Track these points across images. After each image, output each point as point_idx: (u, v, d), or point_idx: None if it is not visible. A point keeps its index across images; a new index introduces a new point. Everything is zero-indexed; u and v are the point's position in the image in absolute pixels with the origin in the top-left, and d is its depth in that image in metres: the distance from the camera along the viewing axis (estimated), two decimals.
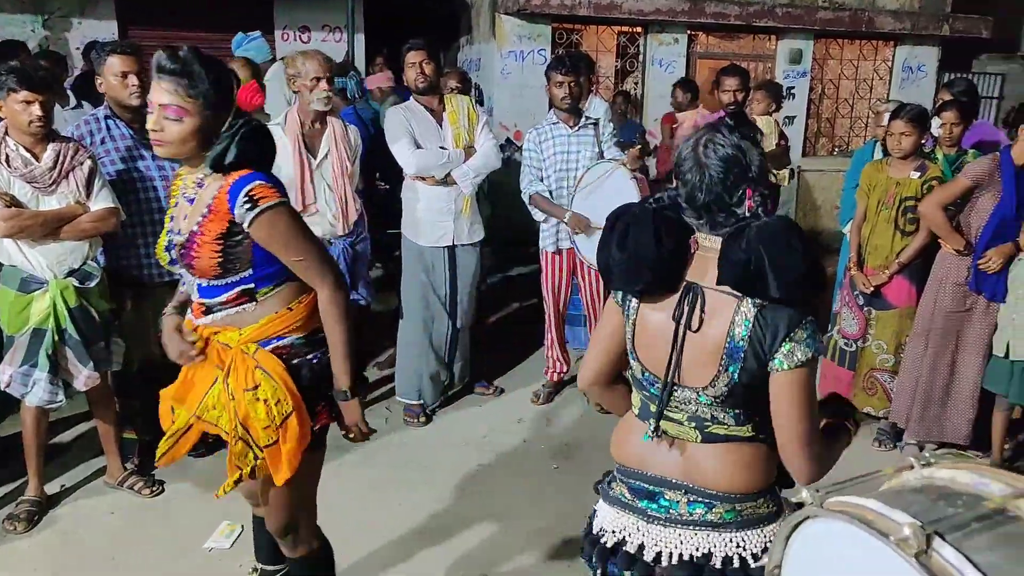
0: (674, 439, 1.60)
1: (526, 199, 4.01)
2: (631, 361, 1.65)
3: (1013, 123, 3.48)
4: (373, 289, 3.81)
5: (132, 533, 3.02)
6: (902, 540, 1.06)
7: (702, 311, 1.50)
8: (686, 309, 1.51)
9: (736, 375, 1.48)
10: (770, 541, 1.55)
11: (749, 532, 1.56)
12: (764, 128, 4.31)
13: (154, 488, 3.27)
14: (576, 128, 3.94)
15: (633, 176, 3.69)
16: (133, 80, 3.08)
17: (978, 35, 9.25)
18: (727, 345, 1.47)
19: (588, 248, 3.89)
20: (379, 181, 4.71)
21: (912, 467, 1.31)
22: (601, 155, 3.95)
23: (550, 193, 3.95)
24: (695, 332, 1.51)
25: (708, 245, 1.53)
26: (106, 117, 3.16)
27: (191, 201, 1.93)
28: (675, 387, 1.55)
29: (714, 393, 1.51)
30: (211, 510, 3.14)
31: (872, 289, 3.72)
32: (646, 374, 1.61)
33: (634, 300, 1.63)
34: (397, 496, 3.30)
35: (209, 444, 3.47)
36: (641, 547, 1.61)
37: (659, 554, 1.59)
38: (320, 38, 7.58)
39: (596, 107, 4.83)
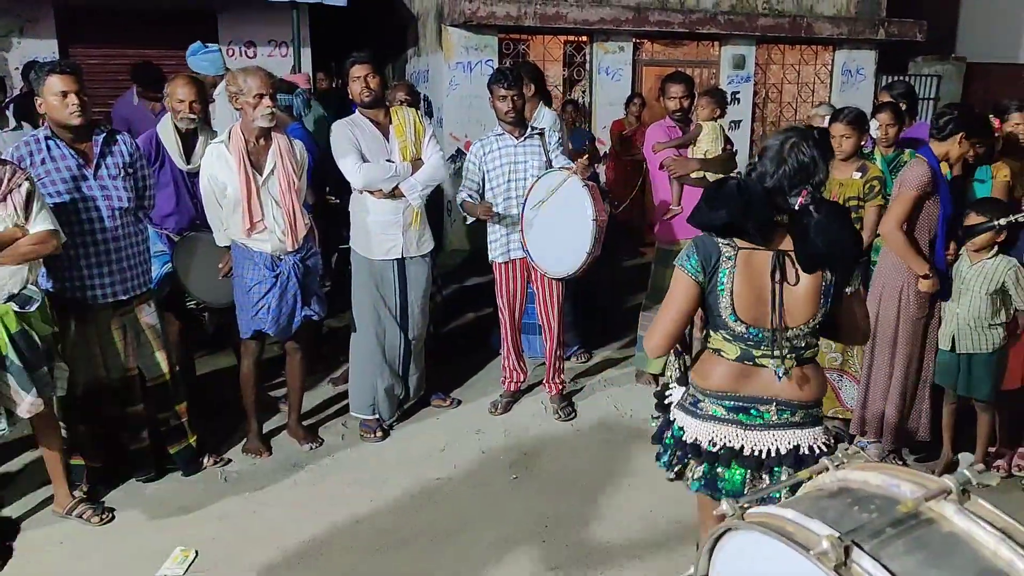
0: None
1: (458, 206, 4.08)
2: (728, 322, 2.09)
3: (943, 127, 3.51)
4: (326, 304, 3.78)
5: (83, 563, 2.95)
6: (821, 554, 1.08)
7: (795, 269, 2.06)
8: (781, 270, 2.06)
9: (827, 306, 2.11)
10: (827, 438, 2.18)
11: (817, 428, 2.17)
12: (709, 134, 4.39)
13: (104, 516, 3.20)
14: (522, 139, 3.97)
15: (585, 184, 3.72)
16: (73, 99, 3.03)
17: (913, 38, 9.59)
18: (823, 288, 2.08)
19: (542, 256, 3.92)
20: (330, 196, 4.69)
21: (827, 469, 1.36)
22: (549, 164, 3.98)
23: (502, 206, 3.97)
24: (794, 286, 2.07)
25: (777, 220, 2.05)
26: (46, 138, 3.09)
27: None
28: (785, 330, 2.08)
29: (814, 324, 2.11)
30: (164, 536, 3.10)
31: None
32: (751, 329, 2.09)
33: (726, 272, 2.06)
34: (354, 511, 3.28)
35: (159, 469, 3.48)
36: (742, 448, 2.13)
37: (762, 451, 2.12)
38: (266, 53, 7.51)
39: (547, 118, 4.86)
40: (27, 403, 2.90)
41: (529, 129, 4.01)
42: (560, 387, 4.27)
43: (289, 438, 3.88)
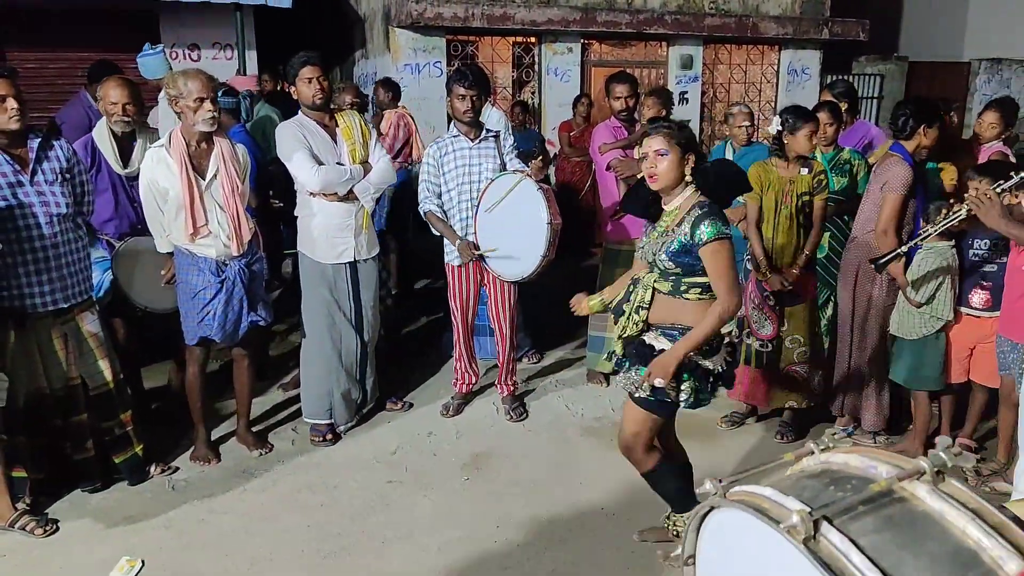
0: None
1: (422, 214, 4.04)
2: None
3: (903, 127, 3.67)
4: (272, 309, 3.75)
5: (25, 575, 2.89)
6: (791, 527, 1.11)
7: None
8: None
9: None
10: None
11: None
12: None
13: (47, 527, 3.13)
14: (477, 141, 3.98)
15: (540, 187, 3.72)
16: (12, 104, 2.97)
17: (856, 38, 9.84)
18: None
19: (494, 258, 3.93)
20: (273, 200, 4.65)
21: (812, 452, 1.39)
22: (503, 167, 4.00)
23: (456, 208, 3.98)
24: None
25: None
26: None
27: None
28: None
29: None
30: (110, 547, 3.05)
31: (789, 288, 3.79)
32: None
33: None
34: (304, 518, 3.27)
35: (105, 479, 3.42)
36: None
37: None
38: (211, 56, 7.41)
39: (492, 117, 4.90)
40: None
41: (484, 131, 4.02)
42: (512, 388, 4.30)
43: (238, 444, 3.85)
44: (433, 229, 4.05)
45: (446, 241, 4.08)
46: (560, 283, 4.15)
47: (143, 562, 2.95)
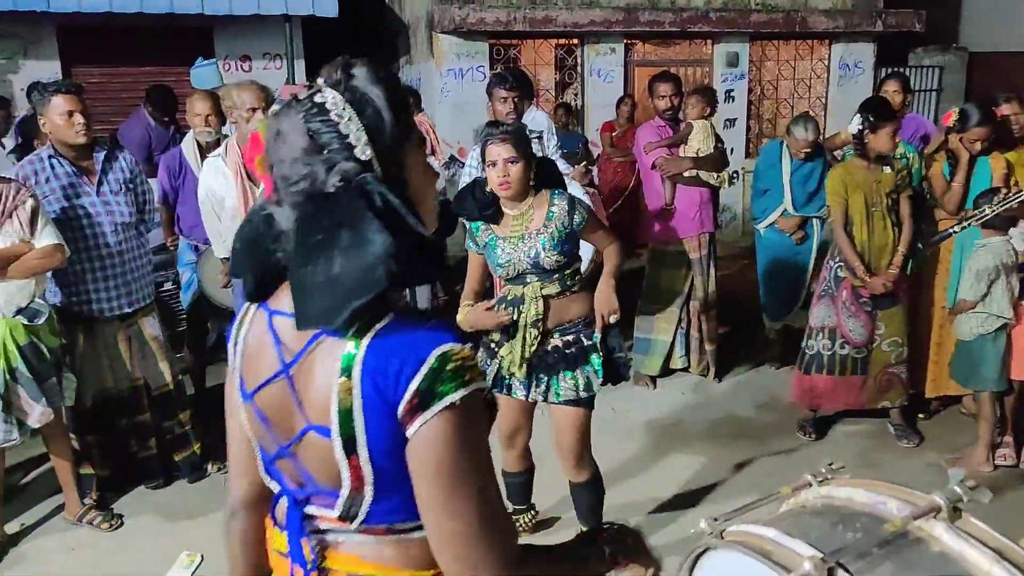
0: None
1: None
2: None
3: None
4: None
5: (94, 568, 3.04)
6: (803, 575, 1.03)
7: None
8: None
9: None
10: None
11: None
12: (700, 132, 4.44)
13: (113, 522, 3.29)
14: None
15: (585, 191, 3.73)
16: (79, 119, 3.13)
17: (912, 29, 9.50)
18: None
19: None
20: None
21: (810, 485, 1.29)
22: None
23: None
24: None
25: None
26: (49, 156, 3.19)
27: None
28: None
29: None
30: (171, 541, 3.18)
31: (888, 289, 3.71)
32: None
33: None
34: None
35: (166, 476, 3.56)
36: None
37: None
38: (261, 66, 7.62)
39: (537, 119, 4.93)
40: (37, 413, 2.99)
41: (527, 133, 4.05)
42: None
43: None
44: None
45: None
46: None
47: (202, 557, 3.07)
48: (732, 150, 4.69)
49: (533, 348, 2.62)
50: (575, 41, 8.43)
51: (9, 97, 5.85)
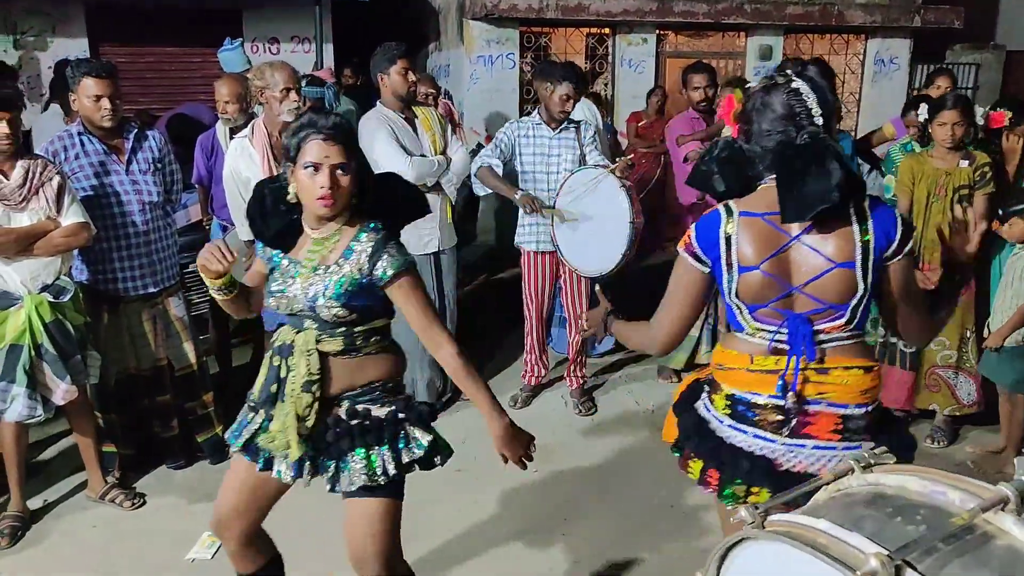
0: None
1: (473, 174, 3.99)
2: None
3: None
4: None
5: (115, 546, 3.04)
6: (869, 574, 0.95)
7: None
8: None
9: None
10: None
11: None
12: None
13: (135, 501, 3.29)
14: (558, 131, 3.96)
15: (623, 185, 3.65)
16: (106, 104, 3.10)
17: (950, 25, 9.33)
18: None
19: (572, 253, 3.87)
20: None
21: (852, 471, 1.21)
22: (583, 158, 3.96)
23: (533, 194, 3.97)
24: None
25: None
26: (79, 133, 3.18)
27: None
28: None
29: None
30: (193, 521, 3.17)
31: (933, 286, 3.66)
32: None
33: None
34: None
35: (188, 457, 3.56)
36: None
37: None
38: (289, 49, 7.61)
39: (580, 108, 4.81)
40: (62, 390, 2.99)
41: (566, 122, 3.98)
42: (581, 382, 4.28)
43: None
44: (484, 187, 4.02)
45: (520, 223, 4.07)
46: (631, 276, 4.10)
47: None
48: None
49: (311, 422, 1.96)
50: (607, 30, 8.34)
51: (38, 74, 5.88)
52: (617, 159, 4.01)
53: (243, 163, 3.43)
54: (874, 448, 1.26)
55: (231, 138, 3.89)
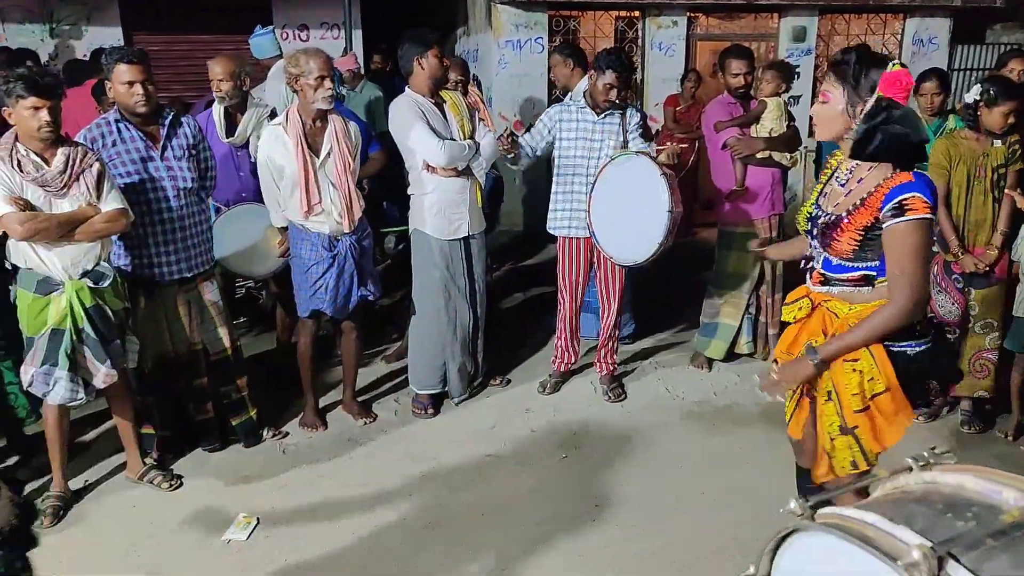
0: None
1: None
2: None
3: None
4: (380, 284, 3.85)
5: (153, 525, 3.11)
6: (911, 565, 0.96)
7: None
8: None
9: None
10: None
11: None
12: (773, 110, 4.29)
13: (173, 482, 3.36)
14: (602, 116, 3.92)
15: (663, 172, 3.54)
16: (139, 89, 3.14)
17: (991, 4, 9.11)
18: None
19: (608, 240, 3.81)
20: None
21: (911, 469, 1.21)
22: (625, 144, 3.91)
23: (571, 179, 3.95)
24: None
25: None
26: (116, 121, 3.22)
27: (842, 185, 2.19)
28: None
29: None
30: (228, 503, 3.24)
31: (986, 269, 3.61)
32: None
33: None
34: (406, 487, 3.37)
35: (223, 440, 3.62)
36: None
37: None
38: (319, 35, 7.63)
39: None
40: (102, 374, 3.05)
41: (610, 106, 3.93)
42: (611, 368, 4.27)
43: (344, 413, 3.99)
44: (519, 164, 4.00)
45: (553, 208, 4.05)
46: (662, 263, 4.06)
47: (258, 520, 3.12)
48: (798, 129, 4.51)
49: None
50: (636, 13, 8.24)
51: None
52: (651, 145, 3.96)
53: (278, 151, 3.44)
54: (934, 449, 1.25)
55: (228, 121, 3.91)
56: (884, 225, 2.03)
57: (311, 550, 2.96)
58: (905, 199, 2.00)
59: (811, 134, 2.74)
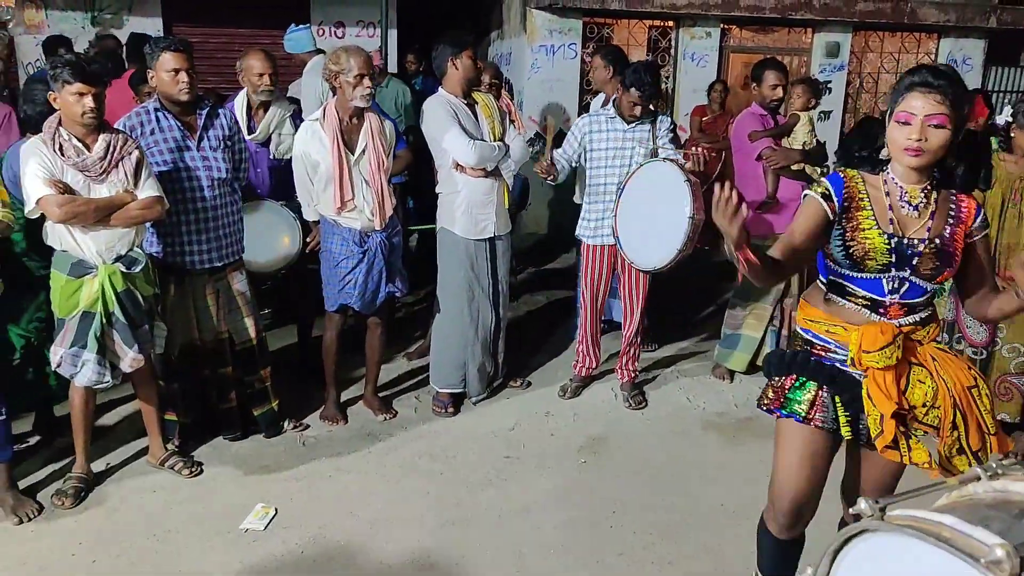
0: None
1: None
2: None
3: None
4: (407, 282, 3.87)
5: (172, 511, 3.13)
6: (993, 563, 0.95)
7: None
8: None
9: None
10: None
11: None
12: (806, 124, 4.31)
13: (193, 469, 3.38)
14: (632, 125, 3.92)
15: (688, 179, 3.54)
16: (183, 77, 3.18)
17: None
18: None
19: (630, 245, 3.80)
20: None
21: (979, 478, 1.21)
22: (655, 153, 3.91)
23: (602, 188, 3.96)
24: None
25: None
26: (156, 110, 3.27)
27: (916, 209, 2.05)
28: None
29: None
30: (247, 492, 3.26)
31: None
32: None
33: None
34: (424, 484, 3.38)
35: (244, 429, 3.65)
36: None
37: None
38: (354, 33, 7.69)
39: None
40: (129, 358, 3.08)
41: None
42: (632, 375, 4.25)
43: (364, 408, 4.01)
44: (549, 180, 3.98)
45: (583, 216, 4.08)
46: (686, 272, 4.05)
47: (276, 510, 3.13)
48: (825, 143, 4.52)
49: None
50: (670, 23, 8.23)
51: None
52: (679, 151, 3.96)
53: (314, 146, 3.48)
54: (1003, 460, 1.25)
55: (249, 117, 3.91)
56: (978, 236, 2.09)
57: (328, 542, 2.97)
58: (984, 213, 2.11)
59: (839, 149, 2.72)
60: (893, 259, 2.03)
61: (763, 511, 2.39)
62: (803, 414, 2.14)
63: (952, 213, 2.07)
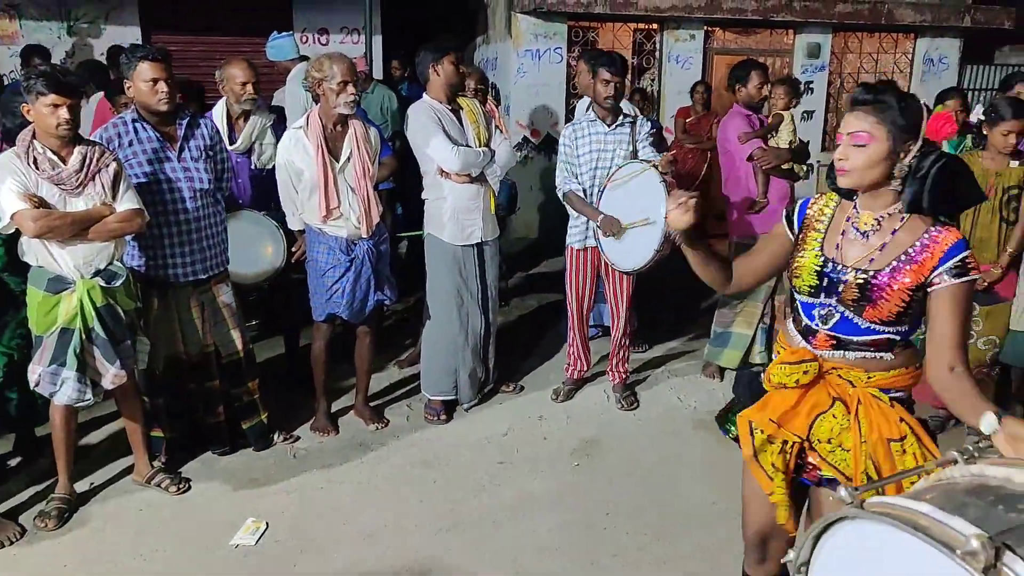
0: None
1: (560, 196, 4.02)
2: None
3: None
4: (396, 289, 3.83)
5: (160, 530, 3.07)
6: (969, 554, 0.96)
7: None
8: None
9: None
10: None
11: None
12: (789, 123, 4.35)
13: (181, 485, 3.32)
14: (613, 127, 3.93)
15: (663, 180, 3.57)
16: (162, 87, 3.12)
17: (1000, 26, 9.16)
18: None
19: (610, 247, 3.84)
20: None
21: (955, 462, 1.21)
22: (635, 154, 3.91)
23: (584, 191, 3.95)
24: None
25: None
26: (133, 121, 3.20)
27: (865, 236, 1.88)
28: None
29: None
30: (237, 507, 3.20)
31: (986, 285, 3.62)
32: None
33: None
34: (418, 492, 3.34)
35: (233, 443, 3.59)
36: None
37: None
38: (338, 40, 7.64)
39: (627, 105, 4.79)
40: (111, 374, 3.02)
41: (621, 117, 3.95)
42: (624, 376, 4.24)
43: (355, 418, 3.95)
44: (571, 209, 4.02)
45: (570, 224, 4.07)
46: (674, 274, 4.01)
47: (267, 524, 3.08)
48: (808, 143, 4.55)
49: None
50: (654, 26, 8.26)
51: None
52: (661, 154, 3.97)
53: (297, 154, 3.43)
54: (978, 443, 1.25)
55: (230, 127, 3.85)
56: (940, 284, 1.78)
57: (321, 555, 2.92)
58: (966, 257, 1.77)
59: (823, 148, 2.70)
60: (822, 283, 1.91)
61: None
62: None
63: (909, 250, 1.82)
